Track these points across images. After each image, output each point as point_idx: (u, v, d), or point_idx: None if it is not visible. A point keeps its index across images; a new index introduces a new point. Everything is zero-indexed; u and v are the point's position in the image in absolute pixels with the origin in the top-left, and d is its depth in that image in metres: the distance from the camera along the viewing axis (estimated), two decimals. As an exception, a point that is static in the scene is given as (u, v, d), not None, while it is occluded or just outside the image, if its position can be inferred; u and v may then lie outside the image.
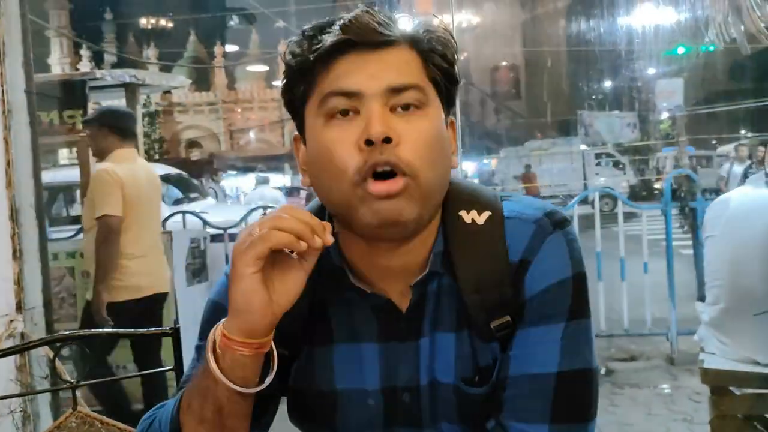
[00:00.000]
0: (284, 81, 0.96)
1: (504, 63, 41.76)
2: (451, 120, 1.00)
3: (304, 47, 0.93)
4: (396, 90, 0.90)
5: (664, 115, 28.20)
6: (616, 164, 24.73)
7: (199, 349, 1.06)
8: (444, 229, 0.97)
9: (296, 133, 1.00)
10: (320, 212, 1.02)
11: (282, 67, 0.98)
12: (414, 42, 0.94)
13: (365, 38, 0.90)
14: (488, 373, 0.96)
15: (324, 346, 1.01)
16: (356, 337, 1.00)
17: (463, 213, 0.97)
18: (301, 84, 0.94)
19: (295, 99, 0.96)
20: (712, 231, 2.89)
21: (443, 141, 0.94)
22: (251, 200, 10.04)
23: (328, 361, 1.01)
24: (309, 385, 1.02)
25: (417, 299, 0.97)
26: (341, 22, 0.91)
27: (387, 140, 0.87)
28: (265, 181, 12.96)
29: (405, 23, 0.95)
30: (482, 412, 0.97)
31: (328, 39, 0.90)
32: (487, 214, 0.98)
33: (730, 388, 2.78)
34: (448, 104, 0.98)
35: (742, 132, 27.00)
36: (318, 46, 0.91)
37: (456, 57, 0.97)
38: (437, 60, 0.94)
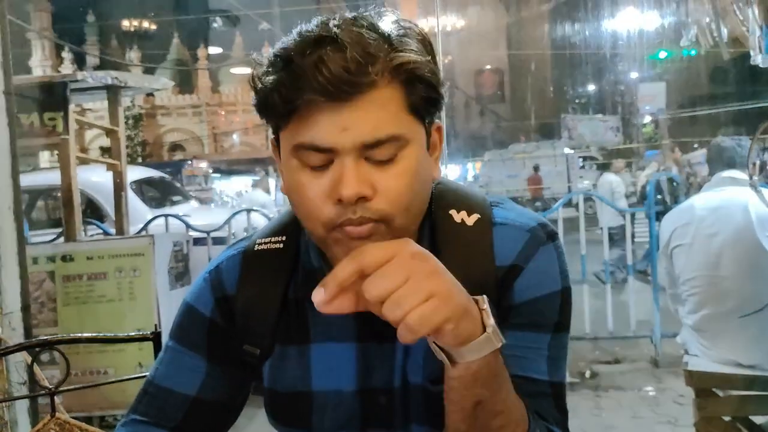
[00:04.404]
0: (255, 103, 0.91)
1: (488, 66, 41.90)
2: (437, 125, 0.96)
3: (272, 85, 0.86)
4: (371, 145, 0.85)
5: (647, 119, 28.43)
6: (600, 167, 24.87)
7: (168, 349, 1.07)
8: (432, 228, 0.97)
9: (273, 136, 0.96)
10: (294, 221, 1.01)
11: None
12: (395, 75, 0.86)
13: (339, 95, 0.82)
14: None
15: (300, 345, 1.01)
16: (334, 337, 0.99)
17: (453, 212, 0.97)
18: (271, 116, 0.90)
19: (268, 120, 0.92)
20: (681, 240, 2.89)
21: (423, 175, 0.90)
22: (243, 203, 9.92)
23: (305, 361, 1.01)
24: (284, 385, 1.02)
25: None
26: (311, 66, 0.82)
27: (361, 198, 0.85)
28: (259, 184, 12.67)
29: (384, 43, 0.86)
30: None
31: (299, 96, 0.83)
32: (476, 216, 0.97)
33: (714, 390, 2.79)
34: (432, 118, 0.93)
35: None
36: (288, 98, 0.84)
37: (440, 78, 0.91)
38: (420, 89, 0.88)
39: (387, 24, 0.89)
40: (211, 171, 25.26)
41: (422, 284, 0.72)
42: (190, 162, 25.28)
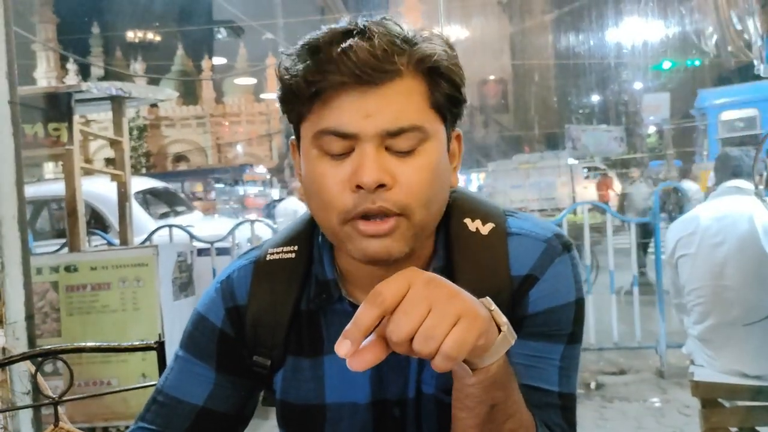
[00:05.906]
0: (280, 94, 0.91)
1: (492, 76, 41.96)
2: (457, 134, 0.97)
3: (299, 72, 0.86)
4: (393, 134, 0.85)
5: (651, 129, 28.40)
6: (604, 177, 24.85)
7: (178, 359, 1.06)
8: (447, 236, 0.96)
9: (293, 138, 0.97)
10: (311, 226, 1.03)
11: (271, 80, 0.95)
12: (419, 67, 0.88)
13: (364, 78, 0.84)
14: None
15: (313, 357, 1.00)
16: None
17: (467, 221, 0.97)
18: (295, 105, 0.90)
19: (291, 113, 0.92)
20: (685, 249, 2.88)
21: (442, 174, 0.90)
22: (278, 213, 9.79)
23: (318, 374, 1.00)
24: (297, 398, 1.01)
25: None
26: (339, 53, 0.83)
27: (380, 186, 0.85)
28: (291, 193, 12.61)
29: (410, 39, 0.88)
30: None
31: (325, 78, 0.84)
32: (491, 225, 0.97)
33: (720, 400, 2.77)
34: (453, 122, 0.94)
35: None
36: (313, 81, 0.85)
37: (463, 79, 0.92)
38: (443, 86, 0.89)
39: (412, 28, 0.90)
40: (269, 176, 25.76)
41: (447, 309, 0.69)
42: (250, 167, 25.81)
